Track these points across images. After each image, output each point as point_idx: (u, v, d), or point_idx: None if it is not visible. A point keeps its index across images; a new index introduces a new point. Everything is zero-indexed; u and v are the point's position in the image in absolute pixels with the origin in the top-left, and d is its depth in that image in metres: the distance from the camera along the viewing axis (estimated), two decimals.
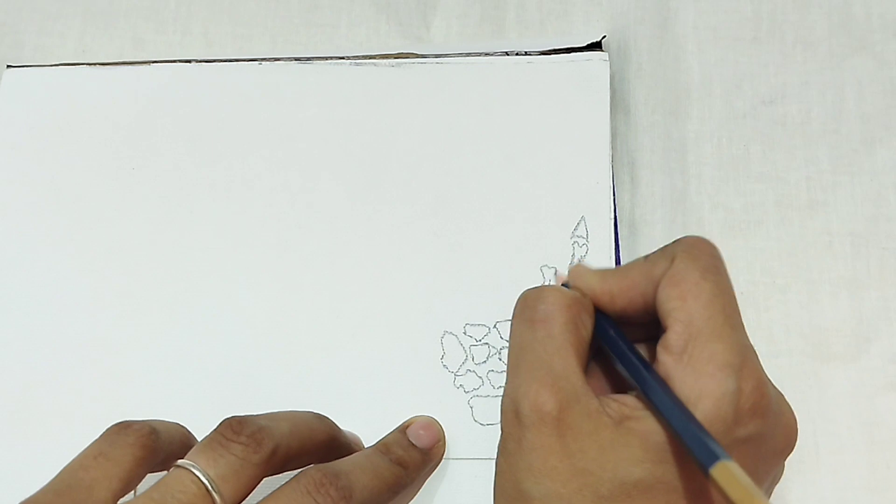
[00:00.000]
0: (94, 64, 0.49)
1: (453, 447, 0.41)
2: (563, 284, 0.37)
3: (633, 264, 0.36)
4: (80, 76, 0.49)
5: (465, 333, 0.43)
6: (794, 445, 0.35)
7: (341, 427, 0.42)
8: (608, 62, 0.46)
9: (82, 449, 0.36)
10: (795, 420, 0.35)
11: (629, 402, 0.33)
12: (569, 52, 0.47)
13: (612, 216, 0.44)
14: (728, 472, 0.29)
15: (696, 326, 0.32)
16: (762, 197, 0.46)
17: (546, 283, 0.43)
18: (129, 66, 0.49)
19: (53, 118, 0.48)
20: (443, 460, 0.41)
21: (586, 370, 0.35)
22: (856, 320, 0.44)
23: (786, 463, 0.37)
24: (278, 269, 0.45)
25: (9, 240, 0.46)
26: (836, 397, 0.42)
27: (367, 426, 0.41)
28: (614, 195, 0.45)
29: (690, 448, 0.30)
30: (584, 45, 0.47)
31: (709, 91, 0.48)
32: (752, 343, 0.34)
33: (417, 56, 0.47)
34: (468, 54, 0.47)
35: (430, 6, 0.50)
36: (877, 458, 0.41)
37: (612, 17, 0.49)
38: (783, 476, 0.41)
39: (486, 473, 0.41)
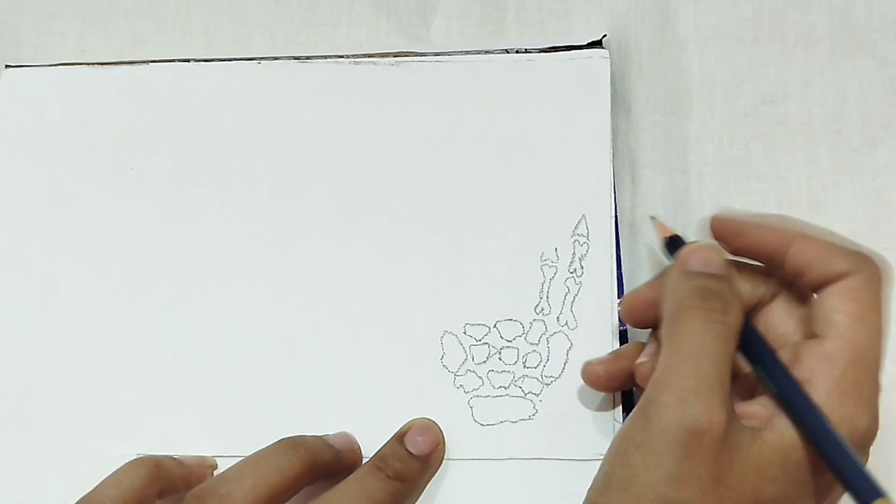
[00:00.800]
0: (94, 64, 0.49)
1: (453, 448, 0.41)
2: (669, 240, 0.38)
3: (819, 236, 0.36)
4: (80, 76, 0.49)
5: (465, 333, 0.43)
6: None
7: (338, 427, 0.42)
8: (609, 60, 0.46)
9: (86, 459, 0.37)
10: None
11: (763, 409, 0.33)
12: (569, 50, 0.46)
13: (613, 214, 0.44)
14: None
15: (858, 352, 0.33)
16: (763, 197, 0.46)
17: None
18: (129, 66, 0.49)
19: (52, 118, 0.48)
20: (443, 461, 0.41)
21: None
22: None
23: None
24: (278, 269, 0.45)
25: (7, 240, 0.46)
26: None
27: (366, 426, 0.41)
28: (615, 193, 0.45)
29: (849, 480, 0.31)
30: (585, 43, 0.47)
31: (710, 91, 0.48)
32: None
33: (417, 55, 0.47)
34: (468, 52, 0.47)
35: (430, 6, 0.50)
36: (879, 460, 0.41)
37: (612, 16, 0.49)
38: None
39: (487, 474, 0.41)
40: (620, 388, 0.40)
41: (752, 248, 0.37)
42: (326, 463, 0.39)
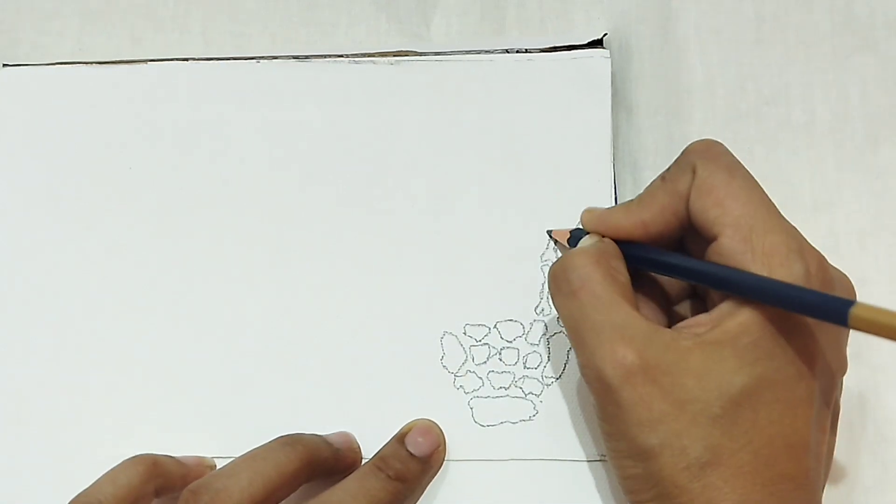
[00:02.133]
0: (92, 63, 0.49)
1: (453, 449, 0.41)
2: (569, 239, 0.39)
3: (652, 189, 0.37)
4: (78, 75, 0.48)
5: (464, 334, 0.43)
6: None
7: (338, 428, 0.41)
8: (610, 59, 0.46)
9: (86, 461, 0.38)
10: (851, 282, 0.36)
11: (699, 319, 0.33)
12: (570, 50, 0.46)
13: None
14: (865, 309, 0.30)
15: (746, 225, 0.33)
16: None
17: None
18: (127, 65, 0.48)
19: (50, 117, 0.48)
20: (443, 463, 0.41)
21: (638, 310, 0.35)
22: None
23: None
24: (276, 269, 0.44)
25: (5, 240, 0.46)
26: (845, 398, 0.42)
27: (366, 427, 0.41)
28: (616, 194, 0.44)
29: (818, 308, 0.31)
30: (586, 42, 0.46)
31: (711, 92, 0.47)
32: None
33: (416, 54, 0.47)
34: (468, 52, 0.47)
35: (429, 5, 0.50)
36: (888, 457, 0.41)
37: (613, 16, 0.49)
38: None
39: (487, 475, 0.41)
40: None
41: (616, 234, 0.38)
42: (325, 461, 0.39)
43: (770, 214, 0.34)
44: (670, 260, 0.36)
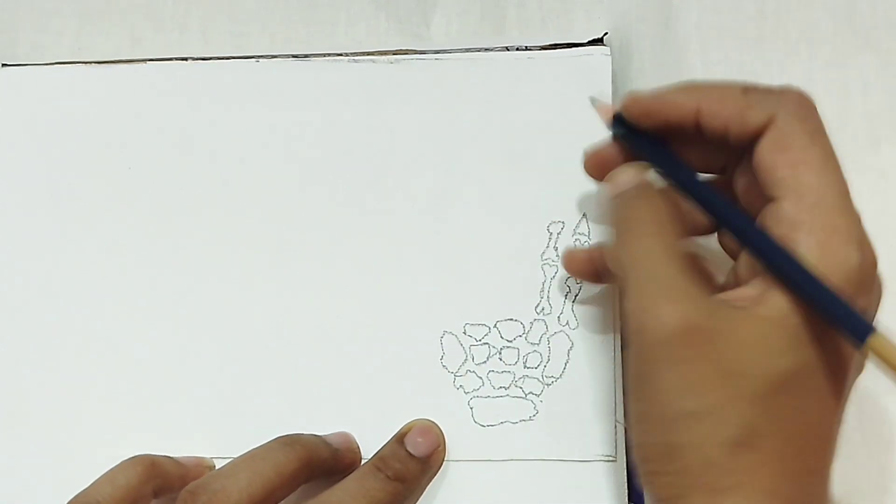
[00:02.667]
0: (91, 62, 0.49)
1: (453, 449, 0.41)
2: (614, 120, 0.37)
3: (728, 89, 0.34)
4: (77, 75, 0.48)
5: (464, 333, 0.43)
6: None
7: (338, 428, 0.41)
8: (610, 58, 0.46)
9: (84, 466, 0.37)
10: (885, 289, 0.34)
11: (752, 290, 0.32)
12: (570, 48, 0.46)
13: None
14: (883, 342, 0.29)
15: (813, 197, 0.31)
16: None
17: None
18: (126, 65, 0.48)
19: (49, 117, 0.48)
20: (443, 463, 0.41)
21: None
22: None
23: None
24: (276, 268, 0.44)
25: (4, 240, 0.46)
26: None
27: (365, 427, 0.41)
28: None
29: (841, 322, 0.30)
30: (586, 41, 0.46)
31: None
32: None
33: (416, 52, 0.47)
34: (468, 50, 0.47)
35: (429, 3, 0.50)
36: (888, 459, 0.41)
37: (613, 15, 0.49)
38: None
39: (487, 475, 0.41)
40: (598, 277, 0.40)
41: (665, 125, 0.36)
42: (324, 461, 0.39)
43: (841, 195, 0.32)
44: (726, 212, 0.34)
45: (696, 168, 0.37)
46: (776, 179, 0.32)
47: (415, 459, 0.39)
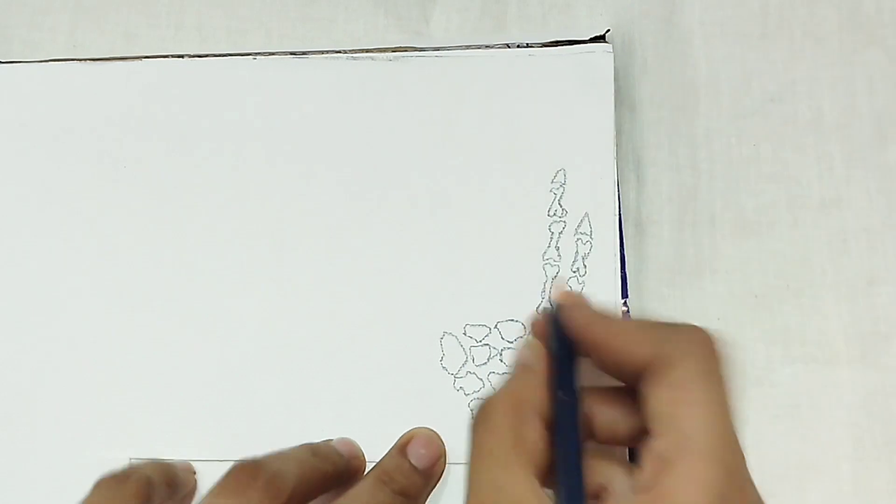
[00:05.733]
0: (85, 59, 0.48)
1: (453, 451, 0.40)
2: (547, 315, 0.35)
3: (636, 324, 0.34)
4: (71, 72, 0.48)
5: (465, 334, 0.42)
6: None
7: (337, 430, 0.41)
8: (612, 55, 0.45)
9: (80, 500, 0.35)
10: None
11: None
12: (572, 45, 0.46)
13: (617, 213, 0.43)
14: None
15: (685, 440, 0.29)
16: (774, 197, 0.45)
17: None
18: (121, 62, 0.48)
19: (43, 115, 0.47)
20: (444, 473, 0.40)
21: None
22: (873, 320, 0.43)
23: (806, 469, 0.35)
24: (274, 268, 0.44)
25: None
26: (853, 401, 0.42)
27: (365, 429, 0.41)
28: (619, 191, 0.44)
29: None
30: (588, 38, 0.46)
31: (716, 88, 0.47)
32: (744, 452, 0.31)
33: (415, 49, 0.47)
34: (468, 47, 0.46)
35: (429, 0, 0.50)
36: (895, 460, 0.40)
37: (615, 11, 0.48)
38: (803, 486, 0.40)
39: None
40: None
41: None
42: (340, 473, 0.39)
43: (720, 445, 0.30)
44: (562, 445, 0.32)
45: (612, 373, 0.34)
46: (655, 413, 0.31)
47: (418, 473, 0.38)
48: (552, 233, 0.43)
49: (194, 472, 0.41)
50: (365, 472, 0.40)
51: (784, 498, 0.41)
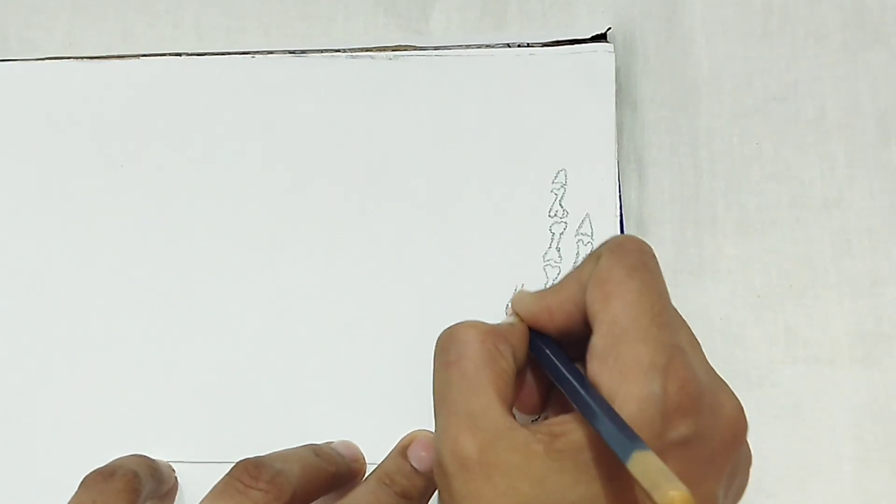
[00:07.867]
0: (82, 58, 0.48)
1: None
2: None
3: (567, 275, 0.35)
4: (68, 70, 0.48)
5: None
6: (742, 436, 0.33)
7: (336, 431, 0.41)
8: (613, 54, 0.45)
9: (68, 500, 0.35)
10: (739, 409, 0.33)
11: (559, 422, 0.31)
12: (572, 44, 0.46)
13: (618, 213, 0.43)
14: (644, 462, 0.28)
15: (621, 327, 0.31)
16: (776, 196, 0.45)
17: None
18: (119, 60, 0.48)
19: (40, 114, 0.47)
20: None
21: (522, 397, 0.34)
22: (875, 320, 0.43)
23: (808, 470, 0.35)
24: (272, 268, 0.44)
25: None
26: (855, 401, 0.41)
27: (364, 430, 0.41)
28: (620, 190, 0.43)
29: (609, 444, 0.29)
30: (589, 37, 0.46)
31: (718, 87, 0.47)
32: (696, 337, 0.33)
33: (415, 48, 0.46)
34: (468, 46, 0.46)
35: None
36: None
37: (617, 9, 0.48)
38: (805, 487, 0.40)
39: None
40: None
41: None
42: (341, 475, 0.39)
43: (652, 324, 0.31)
44: (545, 356, 0.34)
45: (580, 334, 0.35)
46: (593, 313, 0.32)
47: (420, 475, 0.38)
48: (553, 234, 0.43)
49: (173, 469, 0.41)
50: (365, 475, 0.40)
51: (785, 498, 0.41)
